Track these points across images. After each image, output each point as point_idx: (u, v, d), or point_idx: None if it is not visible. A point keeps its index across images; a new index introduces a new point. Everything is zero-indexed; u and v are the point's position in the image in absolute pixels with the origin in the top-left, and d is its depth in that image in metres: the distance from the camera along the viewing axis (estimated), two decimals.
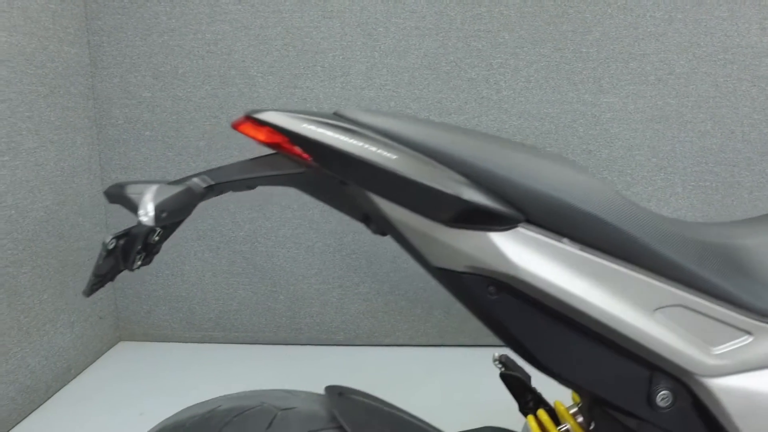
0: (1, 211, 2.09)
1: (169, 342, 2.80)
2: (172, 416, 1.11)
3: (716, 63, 2.43)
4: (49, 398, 2.39)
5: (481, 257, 0.80)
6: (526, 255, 0.80)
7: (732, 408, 0.83)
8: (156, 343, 2.81)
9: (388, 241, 2.64)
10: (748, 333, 0.83)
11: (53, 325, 2.39)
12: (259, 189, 2.62)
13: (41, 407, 2.34)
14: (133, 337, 2.82)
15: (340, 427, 0.94)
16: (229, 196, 2.64)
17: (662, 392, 0.86)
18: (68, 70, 2.44)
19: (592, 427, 0.99)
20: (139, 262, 1.02)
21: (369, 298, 2.69)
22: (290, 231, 2.67)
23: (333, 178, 0.86)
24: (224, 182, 0.88)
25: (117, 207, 2.73)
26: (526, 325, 0.85)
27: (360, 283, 2.70)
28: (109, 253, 0.94)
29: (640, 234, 0.81)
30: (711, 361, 0.83)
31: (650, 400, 0.86)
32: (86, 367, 2.61)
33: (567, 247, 0.81)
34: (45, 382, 2.36)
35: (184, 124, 2.61)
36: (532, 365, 0.89)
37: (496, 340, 2.61)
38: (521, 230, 0.80)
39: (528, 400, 1.27)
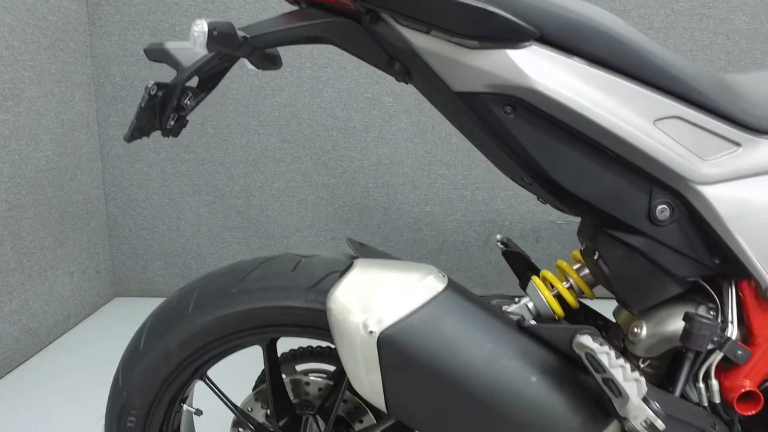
0: (5, 155, 2.14)
1: (164, 297, 2.84)
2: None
3: (693, 17, 2.55)
4: (50, 343, 2.43)
5: (499, 73, 0.88)
6: (540, 69, 0.88)
7: (724, 212, 0.92)
8: (151, 298, 2.85)
9: (380, 194, 2.72)
10: (738, 144, 0.92)
11: (54, 272, 2.43)
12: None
13: (43, 350, 2.38)
14: (128, 293, 2.86)
15: None
16: (223, 154, 2.70)
17: (661, 205, 0.94)
18: (68, 25, 2.50)
19: (596, 256, 1.07)
20: (173, 122, 1.09)
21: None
22: (284, 184, 2.74)
23: (365, 12, 0.93)
24: (260, 35, 0.96)
25: (114, 164, 2.78)
26: (539, 140, 0.92)
27: (352, 236, 2.77)
28: (150, 99, 1.01)
29: (644, 49, 0.90)
30: (705, 170, 0.91)
31: (650, 214, 0.94)
32: (85, 318, 2.64)
33: (577, 62, 0.89)
34: (46, 327, 2.40)
35: None
36: (541, 184, 0.96)
37: (487, 286, 2.69)
38: (535, 47, 0.88)
39: (529, 277, 1.35)
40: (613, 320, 1.16)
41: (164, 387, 1.12)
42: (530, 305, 1.14)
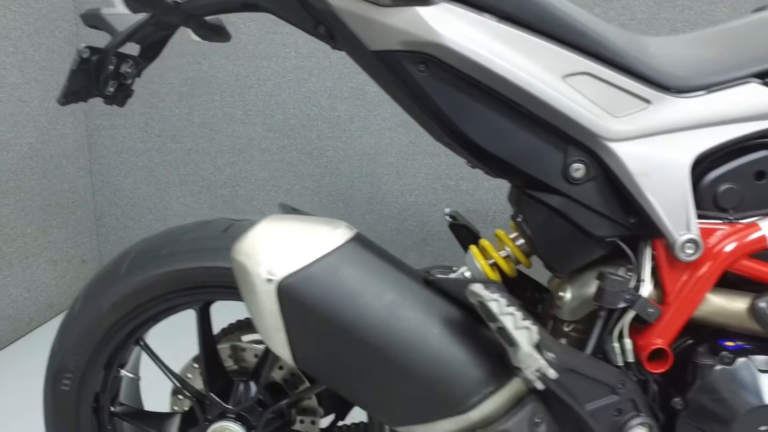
0: None
1: None
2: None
3: (675, 8, 2.56)
4: (31, 330, 2.49)
5: (410, 30, 0.91)
6: (449, 25, 0.91)
7: (634, 169, 0.94)
8: None
9: (364, 183, 2.75)
10: (648, 101, 0.95)
11: (35, 260, 2.49)
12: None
13: (24, 338, 2.44)
14: None
15: None
16: (209, 144, 2.75)
17: (576, 164, 0.97)
18: (53, 13, 2.57)
19: (520, 219, 1.10)
20: (112, 89, 1.13)
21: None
22: (269, 174, 2.79)
23: None
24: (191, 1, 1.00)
25: (101, 154, 2.85)
26: (452, 98, 0.95)
27: None
28: (83, 62, 1.06)
29: (553, 6, 0.93)
30: (615, 126, 0.94)
31: (566, 173, 0.97)
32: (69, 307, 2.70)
33: (487, 19, 0.92)
34: (27, 314, 2.46)
35: (166, 70, 2.74)
36: (459, 143, 0.99)
37: None
38: (445, 4, 0.92)
39: None
40: None
41: (98, 350, 1.15)
42: (467, 274, 1.17)
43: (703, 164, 0.99)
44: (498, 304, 0.85)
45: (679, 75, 0.96)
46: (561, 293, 1.07)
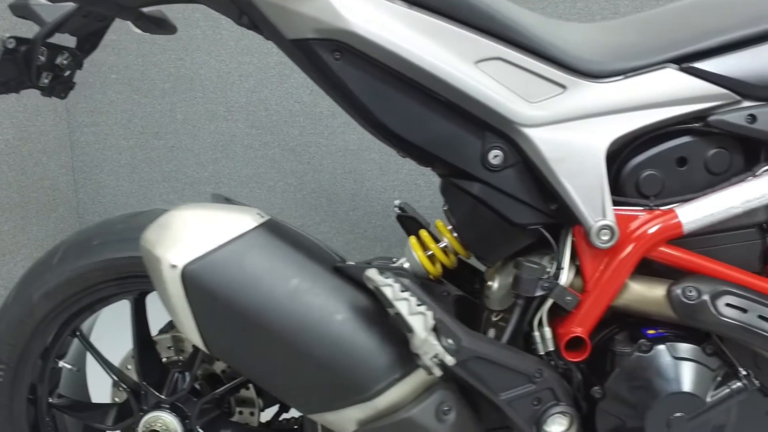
0: None
1: None
2: None
3: (660, 2, 2.56)
4: None
5: (322, 18, 0.92)
6: (359, 12, 0.92)
7: (550, 155, 0.95)
8: None
9: (347, 180, 2.77)
10: (562, 86, 0.96)
11: (13, 257, 2.53)
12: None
13: None
14: None
15: None
16: (192, 141, 2.78)
17: (494, 150, 0.98)
18: None
19: (446, 208, 1.11)
20: (47, 81, 1.16)
21: (329, 237, 2.81)
22: (252, 171, 2.81)
23: None
24: None
25: (84, 151, 2.89)
26: (367, 85, 0.96)
27: (321, 222, 2.83)
28: (7, 51, 1.08)
29: None
30: (530, 112, 0.95)
31: (484, 160, 0.98)
32: None
33: (397, 5, 0.94)
34: None
35: (149, 67, 2.77)
36: (376, 130, 1.01)
37: None
38: None
39: None
40: None
41: (32, 340, 1.18)
42: (407, 266, 1.18)
43: (625, 150, 1.00)
44: (392, 289, 0.86)
45: (596, 60, 0.97)
46: (490, 283, 1.08)
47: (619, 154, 1.01)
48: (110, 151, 2.85)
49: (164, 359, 1.25)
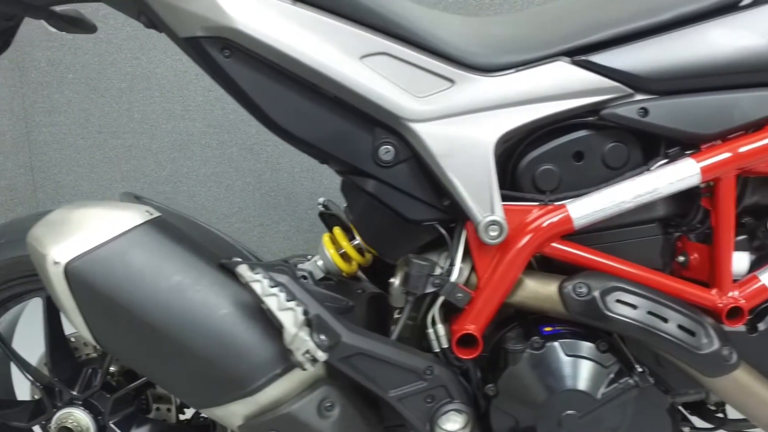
0: None
1: None
2: None
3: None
4: None
5: (208, 15, 0.91)
6: (243, 9, 0.91)
7: (437, 150, 0.93)
8: None
9: (305, 178, 2.76)
10: (451, 81, 0.94)
11: None
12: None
13: None
14: None
15: None
16: (150, 140, 2.77)
17: (384, 146, 0.96)
18: None
19: (345, 205, 1.10)
20: None
21: (289, 236, 2.80)
22: (210, 170, 2.79)
23: None
24: None
25: (42, 151, 2.87)
26: (256, 83, 0.95)
27: (280, 221, 2.81)
28: None
29: None
30: (418, 107, 0.93)
31: (375, 156, 0.96)
32: None
33: (282, 2, 0.92)
34: None
35: (106, 66, 2.75)
36: (269, 128, 0.99)
37: None
38: None
39: None
40: None
41: None
42: (320, 263, 1.16)
43: (521, 145, 0.99)
44: (261, 285, 0.85)
45: (486, 54, 0.95)
46: (392, 280, 1.06)
47: (516, 148, 0.99)
48: (69, 150, 2.83)
49: (84, 356, 1.24)
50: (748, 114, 0.93)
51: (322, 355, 0.85)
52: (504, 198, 0.97)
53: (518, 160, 0.99)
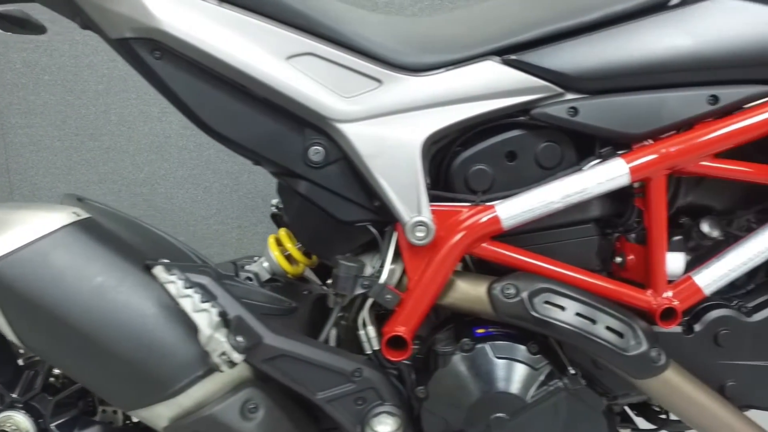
0: None
1: None
2: None
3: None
4: None
5: (134, 16, 0.91)
6: (168, 10, 0.91)
7: (364, 150, 0.93)
8: None
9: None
10: (378, 81, 0.94)
11: None
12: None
13: None
14: None
15: None
16: (127, 142, 2.77)
17: (314, 147, 0.96)
18: None
19: (281, 206, 1.10)
20: None
21: (267, 237, 2.79)
22: (187, 172, 2.79)
23: None
24: None
25: (18, 153, 2.87)
26: (186, 84, 0.95)
27: (258, 223, 2.81)
28: None
29: None
30: (346, 107, 0.93)
31: (305, 157, 0.96)
32: None
33: (207, 3, 0.92)
34: None
35: (82, 68, 2.75)
36: (202, 129, 0.99)
37: None
38: None
39: None
40: None
41: None
42: (265, 265, 1.17)
43: (454, 145, 0.98)
44: (175, 286, 0.85)
45: (414, 53, 0.95)
46: (329, 281, 1.06)
47: (449, 148, 0.99)
48: (45, 152, 2.83)
49: (26, 359, 1.23)
50: (676, 113, 0.92)
51: (237, 357, 0.85)
52: (437, 198, 0.97)
53: (451, 160, 0.98)
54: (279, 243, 1.20)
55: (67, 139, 2.80)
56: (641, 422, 1.16)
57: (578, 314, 0.92)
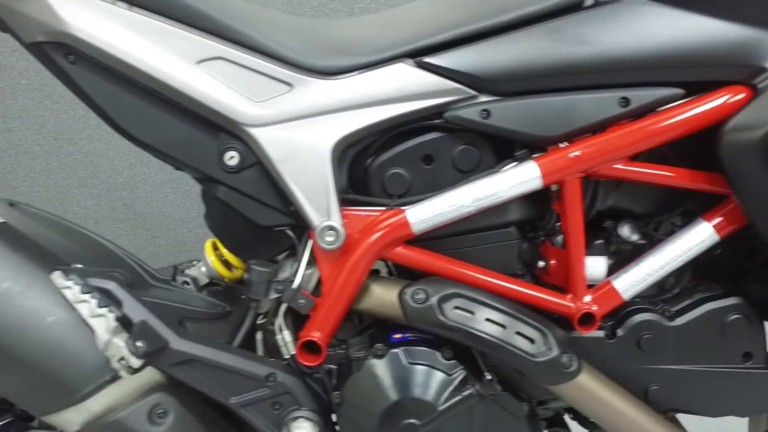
0: None
1: None
2: None
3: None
4: None
5: (45, 20, 0.92)
6: (78, 14, 0.92)
7: (275, 155, 0.94)
8: None
9: None
10: (289, 85, 0.95)
11: None
12: None
13: None
14: None
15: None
16: (106, 147, 2.80)
17: (229, 152, 0.97)
18: None
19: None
20: None
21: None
22: (167, 176, 2.81)
23: None
24: None
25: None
26: (100, 88, 0.97)
27: None
28: None
29: None
30: (255, 111, 0.94)
31: (221, 161, 0.97)
32: None
33: (118, 7, 0.94)
34: None
35: None
36: (120, 134, 1.01)
37: None
38: None
39: None
40: None
41: None
42: (203, 269, 1.18)
43: (371, 149, 0.99)
44: (72, 291, 0.86)
45: (325, 57, 0.96)
46: None
47: (367, 152, 1.00)
48: (24, 156, 2.86)
49: None
50: (588, 116, 0.93)
51: (136, 362, 0.87)
52: (355, 203, 0.97)
53: (369, 164, 0.99)
54: (216, 247, 1.21)
55: (46, 143, 2.83)
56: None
57: (488, 320, 0.93)
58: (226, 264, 1.19)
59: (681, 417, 1.10)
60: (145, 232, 2.80)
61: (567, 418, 1.20)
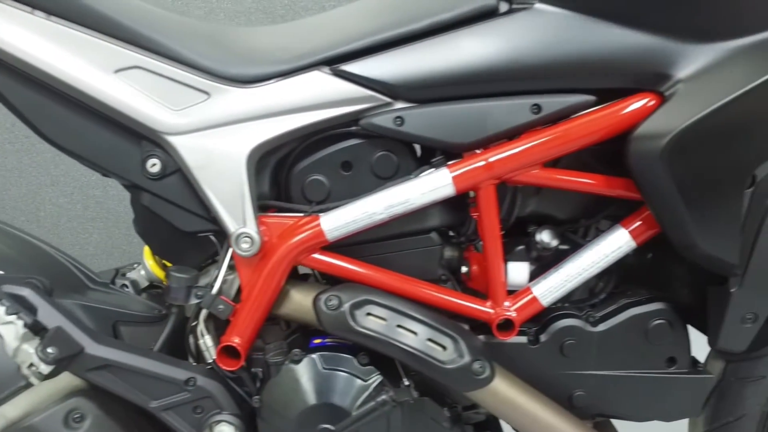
0: None
1: None
2: None
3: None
4: None
5: None
6: None
7: (191, 162, 0.97)
8: None
9: None
10: (206, 93, 0.98)
11: None
12: None
13: None
14: None
15: None
16: None
17: (150, 159, 1.00)
18: None
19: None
20: None
21: None
22: None
23: None
24: None
25: None
26: (24, 97, 0.99)
27: None
28: None
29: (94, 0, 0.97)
30: (173, 120, 0.97)
31: (143, 169, 1.00)
32: None
33: (36, 17, 0.97)
34: None
35: None
36: (45, 141, 1.04)
37: None
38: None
39: None
40: None
41: None
42: (142, 272, 1.21)
43: (292, 155, 1.02)
44: None
45: (242, 65, 0.98)
46: None
47: (287, 159, 1.02)
48: None
49: None
50: (500, 123, 0.95)
51: (45, 368, 0.89)
52: (275, 209, 1.00)
53: (290, 171, 1.02)
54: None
55: (17, 141, 2.86)
56: None
57: (400, 326, 0.95)
58: (165, 267, 1.22)
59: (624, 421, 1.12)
60: (117, 231, 2.83)
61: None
